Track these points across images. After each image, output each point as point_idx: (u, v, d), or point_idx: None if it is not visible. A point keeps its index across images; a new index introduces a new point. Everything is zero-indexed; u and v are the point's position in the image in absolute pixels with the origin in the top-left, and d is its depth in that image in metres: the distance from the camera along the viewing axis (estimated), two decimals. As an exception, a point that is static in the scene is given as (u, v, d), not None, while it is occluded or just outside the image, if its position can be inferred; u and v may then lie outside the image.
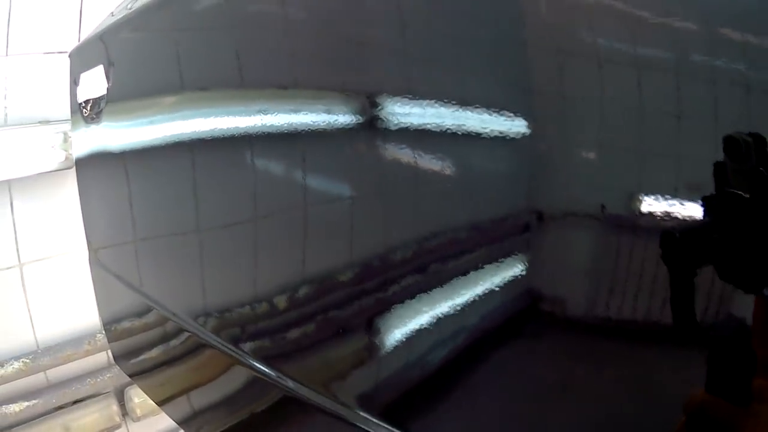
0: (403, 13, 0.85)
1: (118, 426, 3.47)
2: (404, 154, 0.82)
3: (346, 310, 0.98)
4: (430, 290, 0.80)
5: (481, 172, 0.75)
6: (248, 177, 1.20)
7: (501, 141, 0.68)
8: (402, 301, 0.86)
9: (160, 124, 1.44)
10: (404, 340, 0.85)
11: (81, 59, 1.82)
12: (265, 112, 1.09)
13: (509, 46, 0.71)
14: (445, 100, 0.73)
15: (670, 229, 0.55)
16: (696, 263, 0.55)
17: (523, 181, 0.71)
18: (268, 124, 1.09)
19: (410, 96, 0.80)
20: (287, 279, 1.15)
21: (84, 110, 1.72)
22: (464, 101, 0.71)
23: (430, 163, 0.79)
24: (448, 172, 0.78)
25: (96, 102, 1.64)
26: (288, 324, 1.13)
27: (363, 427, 0.91)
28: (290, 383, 1.09)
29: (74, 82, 1.81)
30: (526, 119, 0.66)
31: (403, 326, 0.86)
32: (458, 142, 0.73)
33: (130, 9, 1.52)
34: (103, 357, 3.46)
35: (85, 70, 1.71)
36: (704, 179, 0.53)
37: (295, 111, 1.03)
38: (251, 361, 1.21)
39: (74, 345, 3.34)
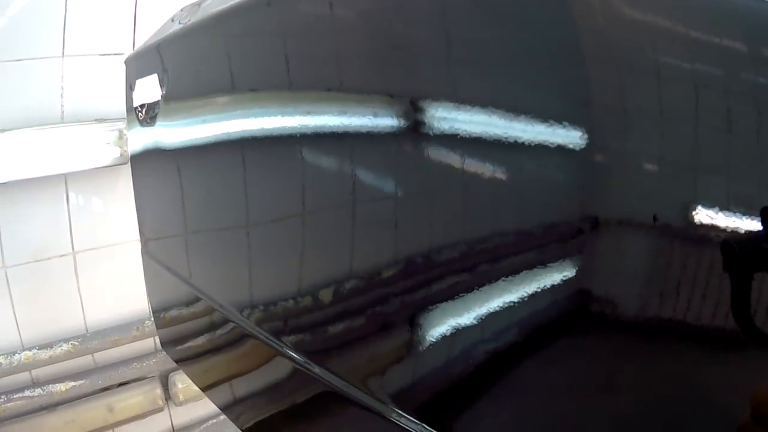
0: (462, 21, 0.84)
1: (161, 409, 3.50)
2: (458, 157, 0.82)
3: (389, 306, 0.98)
4: (476, 289, 0.81)
5: (537, 178, 0.75)
6: (296, 174, 1.21)
7: (557, 150, 0.68)
8: (447, 300, 0.86)
9: (213, 123, 1.48)
10: (447, 338, 0.86)
11: (137, 66, 1.89)
12: (313, 113, 1.11)
13: (567, 58, 0.71)
14: (502, 108, 0.74)
15: (728, 240, 0.56)
16: (753, 272, 0.55)
17: (579, 188, 0.70)
18: (316, 125, 1.11)
19: (472, 104, 0.79)
20: (331, 274, 1.16)
21: (139, 114, 1.80)
22: (521, 110, 0.72)
23: (483, 166, 0.79)
24: (502, 176, 0.78)
25: (151, 107, 1.72)
26: (330, 318, 1.14)
27: (400, 423, 0.93)
28: (330, 377, 1.11)
29: (130, 87, 1.89)
30: (583, 129, 0.66)
31: (446, 325, 0.86)
32: (517, 150, 0.73)
33: (187, 21, 1.58)
34: (150, 343, 3.51)
35: (140, 77, 1.79)
36: (761, 190, 0.55)
37: (343, 113, 1.04)
38: (292, 353, 1.23)
39: (122, 330, 3.38)
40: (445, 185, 0.85)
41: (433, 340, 0.88)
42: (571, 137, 0.66)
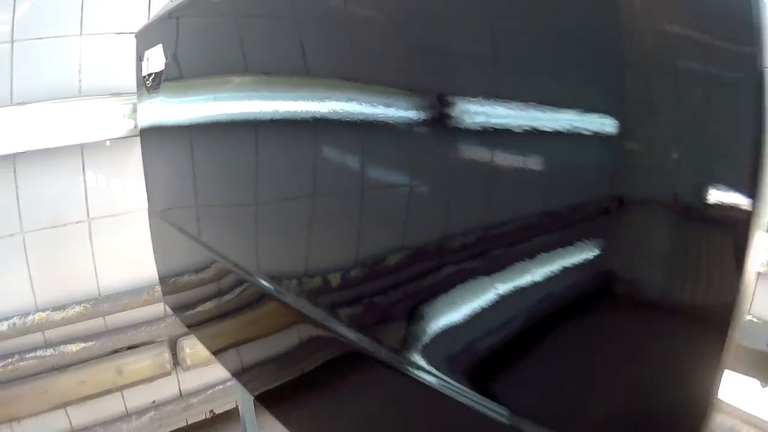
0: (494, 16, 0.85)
1: (169, 373, 3.60)
2: (498, 145, 0.84)
3: (412, 270, 1.02)
4: (503, 268, 0.84)
5: (565, 162, 0.77)
6: (307, 146, 1.22)
7: (587, 136, 0.71)
8: (477, 276, 0.89)
9: (221, 101, 1.51)
10: (462, 300, 0.90)
11: (145, 38, 1.99)
12: (331, 99, 1.12)
13: (599, 52, 0.73)
14: (533, 98, 0.76)
15: (740, 220, 0.58)
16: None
17: (606, 171, 0.73)
18: (337, 111, 1.12)
19: (506, 94, 0.81)
20: (361, 244, 1.16)
21: (147, 82, 1.90)
22: (551, 99, 0.75)
23: (516, 154, 0.81)
24: (536, 163, 0.80)
25: (157, 75, 1.82)
26: (358, 281, 1.15)
27: (416, 375, 0.97)
28: (353, 335, 1.13)
29: (139, 58, 1.99)
30: (611, 116, 0.69)
31: (475, 301, 0.89)
32: (551, 138, 0.75)
33: None
34: (160, 308, 3.61)
35: (148, 48, 1.89)
36: None
37: (367, 102, 1.05)
38: (310, 311, 1.24)
39: (133, 295, 3.50)
40: (477, 172, 0.87)
41: (444, 301, 0.93)
42: (601, 124, 0.69)
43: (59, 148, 3.16)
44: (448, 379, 0.93)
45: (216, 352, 1.86)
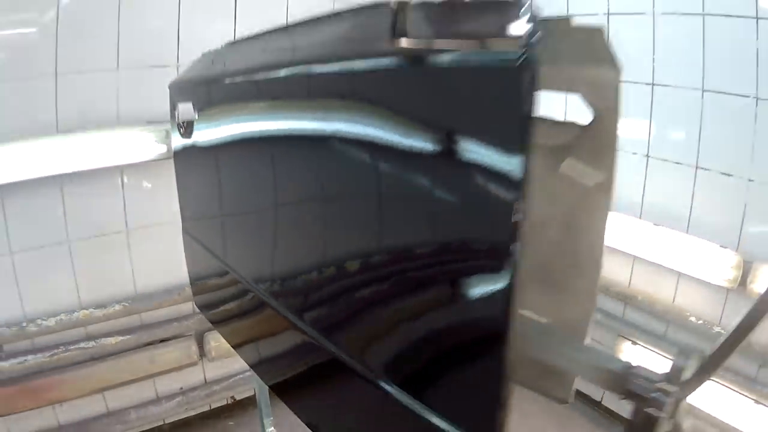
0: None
1: (195, 363, 3.73)
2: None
3: (372, 289, 1.06)
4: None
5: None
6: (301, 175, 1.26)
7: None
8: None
9: (238, 132, 1.58)
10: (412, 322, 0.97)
11: (178, 91, 2.03)
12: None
13: None
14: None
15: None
16: None
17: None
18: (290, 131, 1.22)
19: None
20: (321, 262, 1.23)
21: (180, 129, 1.94)
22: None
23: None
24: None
25: (189, 125, 1.87)
26: (330, 297, 1.21)
27: (386, 388, 1.00)
28: (331, 347, 1.18)
29: (172, 107, 2.02)
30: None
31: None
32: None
33: (222, 64, 1.73)
34: (189, 306, 3.69)
35: (181, 101, 1.92)
36: None
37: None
38: (301, 325, 1.29)
39: (165, 294, 3.61)
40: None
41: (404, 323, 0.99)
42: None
43: (101, 169, 3.25)
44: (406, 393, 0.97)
45: (235, 346, 1.89)
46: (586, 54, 1.17)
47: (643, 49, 3.38)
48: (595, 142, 1.29)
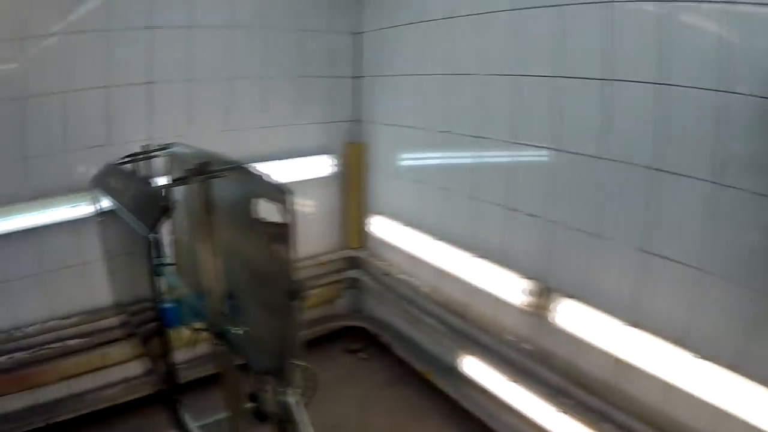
0: None
1: (136, 358, 3.32)
2: None
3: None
4: None
5: None
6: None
7: None
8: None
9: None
10: None
11: (95, 183, 2.90)
12: None
13: None
14: None
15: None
16: None
17: None
18: None
19: None
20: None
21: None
22: None
23: None
24: None
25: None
26: None
27: None
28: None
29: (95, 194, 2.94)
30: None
31: None
32: None
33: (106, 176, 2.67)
34: None
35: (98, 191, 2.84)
36: None
37: None
38: None
39: (112, 308, 3.62)
40: None
41: None
42: None
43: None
44: None
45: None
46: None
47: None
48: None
